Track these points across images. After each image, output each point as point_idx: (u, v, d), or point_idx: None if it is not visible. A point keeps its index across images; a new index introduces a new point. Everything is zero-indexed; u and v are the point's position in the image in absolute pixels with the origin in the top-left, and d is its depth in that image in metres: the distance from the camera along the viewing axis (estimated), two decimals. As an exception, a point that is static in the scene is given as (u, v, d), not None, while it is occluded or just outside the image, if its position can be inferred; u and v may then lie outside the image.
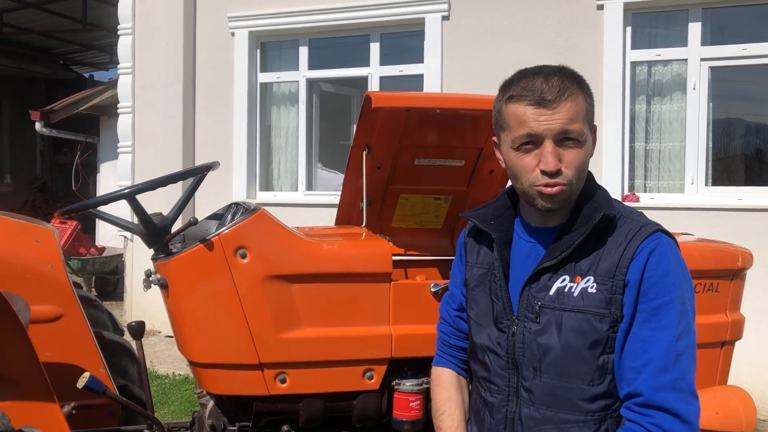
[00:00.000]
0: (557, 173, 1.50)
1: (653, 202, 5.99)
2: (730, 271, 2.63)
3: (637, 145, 6.24)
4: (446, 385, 1.83)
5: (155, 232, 2.28)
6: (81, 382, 2.15)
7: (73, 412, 2.18)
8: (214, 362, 2.25)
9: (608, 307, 1.49)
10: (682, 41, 5.97)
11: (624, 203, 1.67)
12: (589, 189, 1.61)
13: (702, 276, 2.53)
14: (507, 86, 1.57)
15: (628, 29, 6.07)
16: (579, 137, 1.51)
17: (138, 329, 2.50)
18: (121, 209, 3.09)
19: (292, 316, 2.26)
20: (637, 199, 6.04)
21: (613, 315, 1.49)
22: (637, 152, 6.24)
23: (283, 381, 2.28)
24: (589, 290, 1.51)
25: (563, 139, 1.50)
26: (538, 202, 1.54)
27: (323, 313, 2.30)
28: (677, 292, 1.49)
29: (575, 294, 1.52)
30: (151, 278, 2.29)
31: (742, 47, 5.79)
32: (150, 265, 2.40)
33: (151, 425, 2.43)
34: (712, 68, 5.91)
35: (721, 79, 6.01)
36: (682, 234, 2.91)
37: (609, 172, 6.00)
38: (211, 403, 2.42)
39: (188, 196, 2.43)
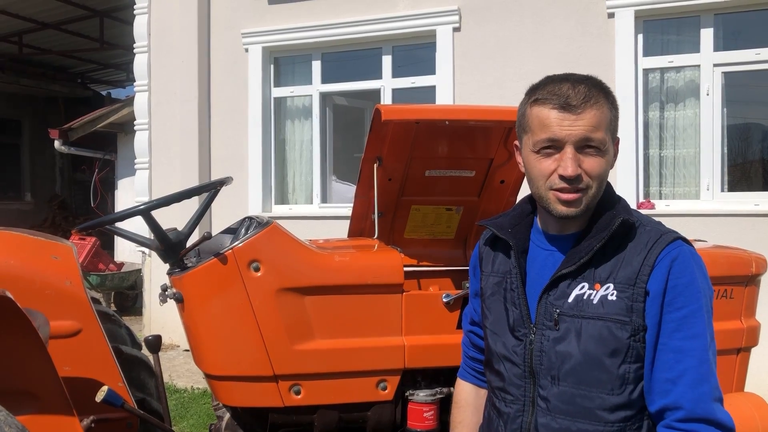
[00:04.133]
0: (576, 179, 1.50)
1: (669, 209, 5.95)
2: (744, 278, 2.61)
3: (652, 152, 6.22)
4: (463, 405, 1.86)
5: (170, 247, 2.32)
6: (99, 396, 2.19)
7: (92, 426, 2.22)
8: (229, 374, 2.28)
9: (629, 315, 1.48)
10: (695, 47, 5.96)
11: (642, 212, 1.67)
12: (608, 198, 1.61)
13: (716, 282, 2.49)
14: (533, 90, 1.58)
15: (640, 36, 6.07)
16: (601, 146, 1.51)
17: (155, 343, 2.53)
18: (139, 225, 3.15)
19: (306, 327, 2.29)
20: (652, 207, 6.00)
21: (634, 323, 1.48)
22: (652, 159, 6.22)
23: (298, 392, 2.30)
24: (609, 297, 1.50)
25: (585, 146, 1.50)
26: (554, 208, 1.54)
27: (336, 324, 2.33)
28: (703, 300, 1.50)
29: (595, 301, 1.51)
30: (167, 292, 2.33)
31: (755, 52, 5.76)
32: (167, 280, 2.44)
33: (169, 438, 2.46)
34: (725, 74, 5.88)
35: (734, 84, 5.99)
36: (696, 240, 2.90)
37: (623, 180, 5.98)
38: (228, 415, 2.44)
39: (203, 210, 2.47)
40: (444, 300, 2.43)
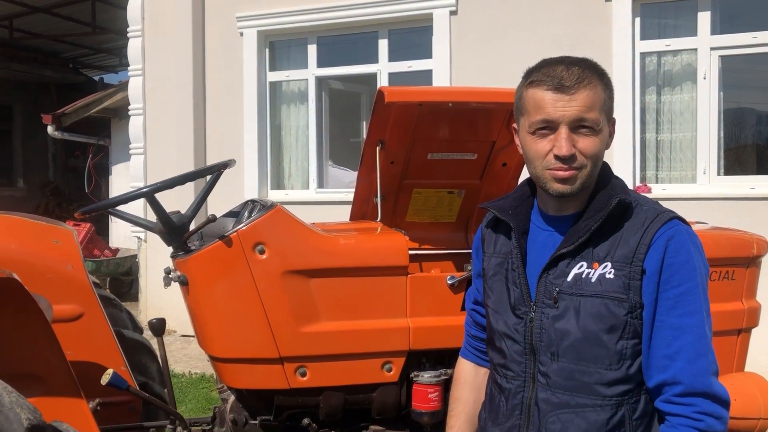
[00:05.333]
0: (570, 159, 1.52)
1: (665, 193, 5.98)
2: (745, 259, 2.64)
3: (648, 136, 6.23)
4: (461, 382, 1.90)
5: (174, 230, 2.32)
6: (104, 379, 2.20)
7: (98, 408, 2.22)
8: (235, 357, 2.29)
9: (626, 292, 1.51)
10: (692, 31, 5.96)
11: (640, 194, 1.69)
12: (604, 178, 1.63)
13: (717, 264, 2.54)
14: (529, 73, 1.60)
15: (637, 20, 6.07)
16: (595, 126, 1.53)
17: (158, 326, 2.54)
18: (137, 209, 3.13)
19: (311, 310, 2.30)
20: (649, 191, 6.03)
21: (631, 301, 1.51)
22: (648, 143, 6.23)
23: (303, 374, 2.31)
24: (607, 276, 1.53)
25: (579, 126, 1.52)
26: (551, 186, 1.57)
27: (342, 306, 2.34)
28: (699, 278, 1.52)
29: (593, 280, 1.54)
30: (171, 275, 2.33)
31: (752, 35, 5.77)
32: (167, 264, 2.44)
33: (174, 420, 2.47)
34: (722, 57, 5.89)
35: (731, 68, 6.00)
36: (696, 223, 2.92)
37: (620, 164, 6.00)
38: (232, 397, 2.46)
39: (205, 194, 2.47)
40: (448, 282, 2.44)
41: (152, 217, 2.40)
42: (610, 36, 6.08)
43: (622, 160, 6.01)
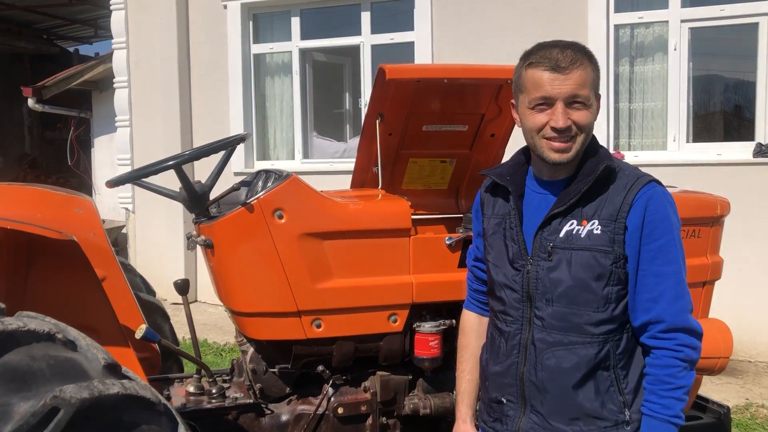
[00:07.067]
0: (566, 130, 1.77)
1: (637, 160, 6.25)
2: (710, 218, 2.91)
3: (622, 105, 6.49)
4: (467, 331, 2.15)
5: (197, 198, 2.53)
6: (138, 333, 2.40)
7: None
8: (257, 311, 2.52)
9: (611, 245, 1.77)
10: (663, 4, 6.18)
11: (622, 160, 1.95)
12: (592, 148, 1.89)
13: (685, 223, 2.78)
14: (527, 55, 1.83)
15: (611, -7, 6.28)
16: (586, 101, 1.77)
17: (183, 286, 2.76)
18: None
19: (325, 268, 2.53)
20: (622, 158, 6.29)
21: (615, 252, 1.78)
22: (622, 112, 6.50)
23: (319, 326, 2.55)
24: (595, 232, 1.78)
25: (572, 101, 1.76)
26: (548, 156, 1.81)
27: (352, 265, 2.57)
28: (675, 232, 1.81)
29: (582, 235, 1.79)
30: (196, 239, 2.55)
31: (719, 8, 6.01)
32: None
33: (199, 370, 2.70)
34: (692, 29, 6.14)
35: (701, 38, 6.25)
36: (667, 186, 3.19)
37: (595, 132, 6.24)
38: (251, 349, 2.69)
39: (223, 164, 2.67)
40: (447, 242, 2.69)
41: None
42: (586, 8, 6.30)
43: (596, 128, 6.13)
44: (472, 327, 2.14)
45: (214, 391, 2.65)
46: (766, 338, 5.83)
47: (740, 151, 6.03)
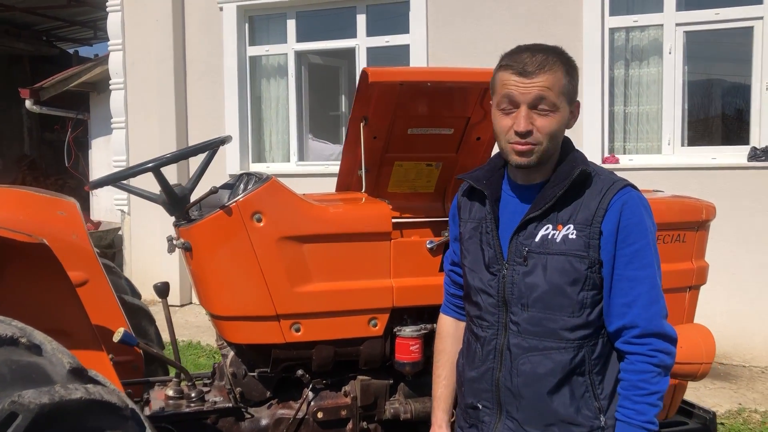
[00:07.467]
0: (527, 134, 1.76)
1: (632, 164, 6.26)
2: (695, 223, 2.90)
3: (616, 108, 6.49)
4: (444, 335, 2.14)
5: (177, 201, 2.52)
6: (116, 337, 2.40)
7: (113, 359, 2.44)
8: (236, 315, 2.51)
9: (586, 250, 1.76)
10: (658, 7, 6.19)
11: (598, 164, 1.94)
12: (568, 152, 1.88)
13: (670, 227, 2.80)
14: (502, 57, 1.83)
15: (607, -4, 6.28)
16: (551, 106, 1.76)
17: (164, 289, 2.75)
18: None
19: (304, 272, 2.52)
20: (617, 161, 6.31)
21: (590, 257, 1.77)
22: (617, 116, 6.49)
23: (298, 330, 2.54)
24: (570, 236, 1.77)
25: (537, 106, 1.75)
26: (512, 158, 1.81)
27: (332, 269, 2.56)
28: (650, 236, 1.79)
29: (558, 240, 1.78)
30: (175, 242, 2.53)
31: (714, 12, 6.01)
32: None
33: (179, 374, 2.69)
34: (687, 33, 6.14)
35: (695, 42, 6.24)
36: (653, 191, 3.18)
37: (589, 136, 6.26)
38: (232, 353, 2.68)
39: (204, 167, 2.66)
40: (428, 246, 2.68)
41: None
42: (581, 12, 6.30)
43: (591, 131, 6.27)
44: (449, 331, 2.13)
45: (193, 395, 2.63)
46: (760, 343, 5.81)
47: (735, 155, 6.02)
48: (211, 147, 2.60)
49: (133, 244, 8.13)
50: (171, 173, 2.58)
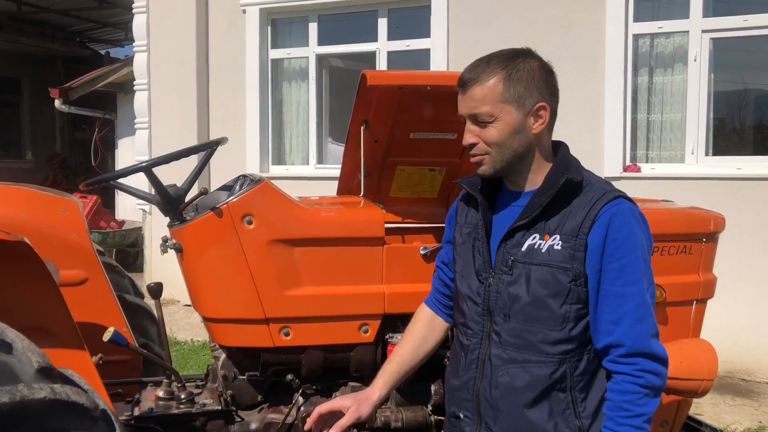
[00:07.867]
0: (470, 147, 1.77)
1: (654, 173, 6.13)
2: (702, 234, 2.80)
3: (639, 116, 6.36)
4: (417, 320, 2.11)
5: (170, 202, 2.51)
6: (106, 336, 2.40)
7: (101, 362, 2.44)
8: (225, 317, 2.49)
9: (571, 262, 1.70)
10: (684, 13, 6.05)
11: (594, 173, 1.86)
12: (561, 160, 1.81)
13: (675, 239, 2.72)
14: None
15: (631, 2, 6.15)
16: (487, 119, 1.73)
17: (157, 289, 2.75)
18: (141, 182, 3.33)
19: (295, 275, 2.49)
20: (639, 170, 6.18)
21: (575, 270, 1.70)
22: (639, 124, 6.36)
23: (287, 334, 2.51)
24: (555, 247, 1.72)
25: (476, 118, 1.75)
26: (476, 168, 1.81)
27: (323, 273, 2.53)
28: (640, 251, 1.71)
29: (543, 250, 1.72)
30: (167, 243, 2.53)
31: (743, 18, 5.86)
32: (167, 232, 2.64)
33: (170, 375, 2.68)
34: (713, 40, 5.99)
35: (722, 49, 6.09)
36: (662, 201, 3.09)
37: (611, 144, 6.14)
38: (224, 356, 2.66)
39: (200, 168, 2.65)
40: (421, 252, 2.63)
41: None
42: (604, 17, 6.19)
43: (613, 139, 6.16)
44: (423, 318, 2.11)
45: (183, 396, 2.62)
46: (783, 360, 5.63)
47: (761, 165, 5.86)
48: (207, 148, 2.60)
49: (153, 243, 8.21)
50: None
